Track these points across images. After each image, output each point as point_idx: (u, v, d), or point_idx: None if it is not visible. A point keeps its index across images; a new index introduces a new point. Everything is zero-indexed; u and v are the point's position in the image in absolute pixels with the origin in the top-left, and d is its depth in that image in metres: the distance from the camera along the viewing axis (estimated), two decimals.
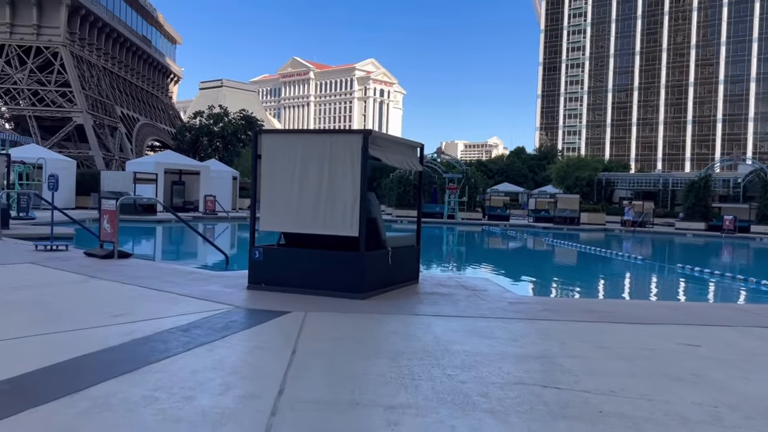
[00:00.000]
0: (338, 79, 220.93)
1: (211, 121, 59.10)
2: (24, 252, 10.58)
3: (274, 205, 7.21)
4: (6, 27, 59.69)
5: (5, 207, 15.65)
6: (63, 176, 32.36)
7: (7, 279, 7.67)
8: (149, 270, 8.86)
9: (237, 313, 5.89)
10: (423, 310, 6.36)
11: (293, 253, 7.20)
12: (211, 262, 13.17)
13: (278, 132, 7.42)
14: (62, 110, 59.21)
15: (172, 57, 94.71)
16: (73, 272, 8.28)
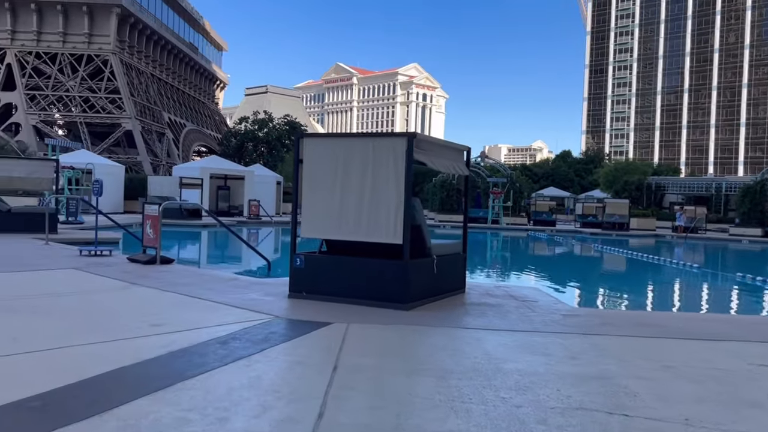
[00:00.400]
0: (381, 84, 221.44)
1: (255, 126, 59.69)
2: (68, 257, 10.62)
3: (315, 210, 7.00)
4: (59, 36, 61.58)
5: (54, 212, 15.90)
6: (111, 181, 33.07)
7: (49, 285, 7.64)
8: (190, 276, 8.75)
9: (277, 324, 5.67)
10: (471, 323, 6.03)
11: (335, 261, 6.96)
12: (254, 268, 13.07)
13: (320, 136, 7.20)
14: (112, 116, 60.68)
15: (218, 64, 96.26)
16: (114, 278, 8.22)
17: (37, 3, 60.31)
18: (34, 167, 16.01)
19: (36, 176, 15.96)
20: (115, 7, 61.02)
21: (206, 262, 14.75)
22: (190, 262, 14.80)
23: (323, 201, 6.91)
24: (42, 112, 60.02)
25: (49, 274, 8.63)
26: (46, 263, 9.76)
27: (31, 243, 13.05)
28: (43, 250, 11.64)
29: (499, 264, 17.79)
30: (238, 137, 59.78)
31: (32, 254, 10.95)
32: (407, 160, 6.43)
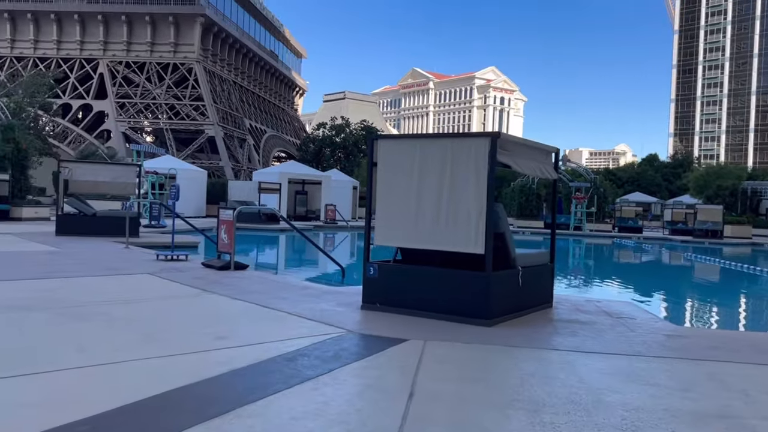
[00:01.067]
0: (458, 89, 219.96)
1: (333, 132, 60.23)
2: (145, 261, 10.64)
3: (389, 216, 6.56)
4: (147, 46, 64.26)
5: (135, 216, 16.21)
6: (194, 186, 33.96)
7: (121, 291, 7.54)
8: (262, 284, 8.51)
9: (348, 339, 5.26)
10: (562, 344, 5.42)
11: (410, 271, 6.49)
12: (327, 275, 12.80)
13: (395, 137, 6.77)
14: (195, 123, 62.70)
15: (297, 71, 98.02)
16: (187, 285, 8.06)
17: (128, 15, 63.18)
18: (119, 172, 16.40)
19: (120, 181, 16.33)
20: (200, 16, 63.09)
21: (280, 268, 14.60)
22: (264, 266, 14.71)
23: (398, 207, 6.47)
24: (131, 119, 62.73)
25: (124, 279, 8.58)
26: (123, 267, 9.77)
27: (112, 246, 13.26)
28: (122, 254, 11.76)
29: (586, 274, 16.82)
30: (315, 143, 60.47)
31: (111, 258, 11.05)
32: (490, 162, 5.90)
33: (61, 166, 15.77)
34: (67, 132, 60.38)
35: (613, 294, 12.29)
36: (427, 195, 6.25)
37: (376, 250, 6.92)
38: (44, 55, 64.02)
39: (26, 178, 24.35)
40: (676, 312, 10.93)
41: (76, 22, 63.88)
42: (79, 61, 64.14)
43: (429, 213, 6.25)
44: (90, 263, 10.10)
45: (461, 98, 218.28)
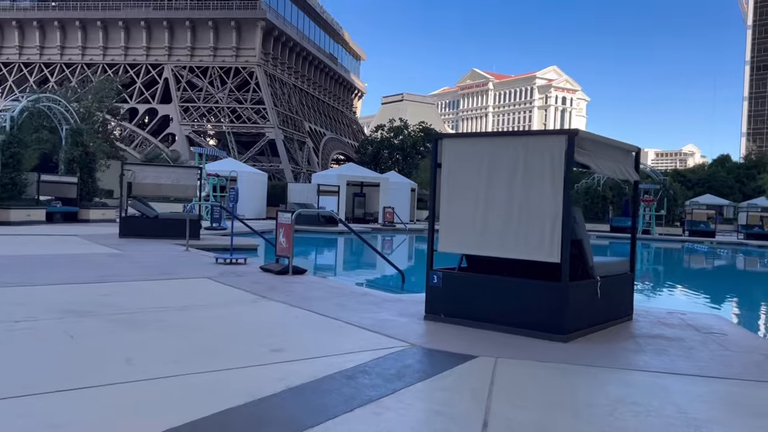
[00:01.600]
0: (518, 89, 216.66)
1: (391, 134, 60.02)
2: (204, 265, 10.52)
3: (454, 221, 6.14)
4: (210, 51, 65.67)
5: (196, 218, 16.26)
6: (255, 188, 34.31)
7: (177, 296, 7.36)
8: (321, 290, 8.20)
9: (412, 355, 4.86)
10: (650, 364, 4.87)
11: (477, 280, 6.04)
12: (387, 280, 12.44)
13: (461, 135, 6.34)
14: (256, 126, 63.63)
15: (356, 73, 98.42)
16: (244, 290, 7.83)
17: (191, 20, 64.74)
18: (180, 174, 16.50)
19: (181, 183, 16.42)
20: (261, 20, 64.04)
21: (339, 273, 14.32)
22: (322, 269, 14.48)
23: (464, 211, 6.03)
24: (194, 122, 64.20)
25: (181, 283, 8.43)
26: (181, 271, 9.66)
27: (172, 249, 13.27)
28: (181, 257, 11.71)
29: (662, 282, 15.91)
30: (374, 145, 60.40)
31: (170, 261, 11.00)
32: (567, 163, 5.41)
33: (125, 168, 15.97)
34: (134, 136, 62.26)
35: (694, 305, 11.45)
36: (496, 198, 5.80)
37: (439, 256, 6.50)
38: (112, 61, 66.27)
39: (94, 181, 24.97)
40: (766, 325, 10.06)
41: (142, 29, 65.89)
42: (145, 66, 66.09)
43: (498, 217, 5.80)
44: (148, 267, 10.05)
45: (521, 99, 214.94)
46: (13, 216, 19.64)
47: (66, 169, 24.44)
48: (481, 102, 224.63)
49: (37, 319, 5.63)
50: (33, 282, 7.87)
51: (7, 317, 5.65)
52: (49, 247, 12.80)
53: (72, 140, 24.48)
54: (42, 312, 5.96)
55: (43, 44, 68.08)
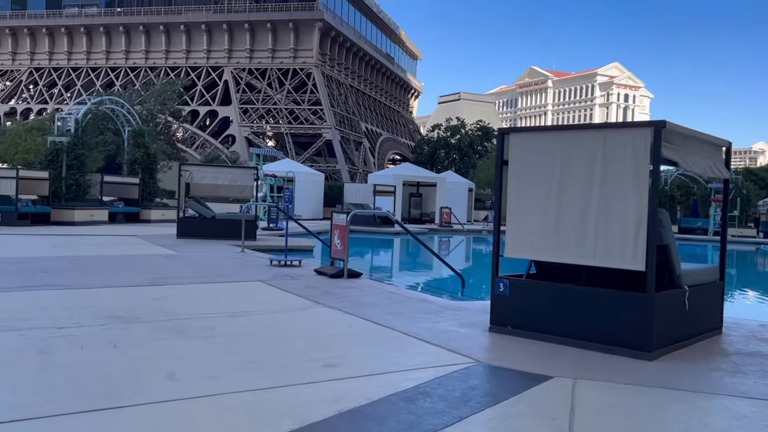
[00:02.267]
0: (578, 86, 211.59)
1: (448, 133, 59.30)
2: (258, 267, 10.27)
3: (523, 224, 5.61)
4: (268, 52, 66.35)
5: (252, 219, 16.14)
6: (312, 189, 34.32)
7: (229, 301, 7.06)
8: (377, 295, 7.78)
9: (478, 374, 4.37)
10: (753, 390, 4.22)
11: (550, 289, 5.49)
12: (445, 284, 11.93)
13: (531, 129, 5.78)
14: (314, 127, 63.98)
15: (412, 72, 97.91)
16: (297, 295, 7.48)
17: (250, 23, 65.57)
18: (236, 175, 16.41)
19: (238, 183, 16.33)
20: (318, 21, 64.34)
21: (395, 276, 13.86)
22: (378, 272, 14.09)
23: (535, 212, 5.50)
24: (253, 124, 65.03)
25: (234, 287, 8.16)
26: (234, 274, 9.42)
27: (228, 250, 13.12)
28: (236, 259, 11.51)
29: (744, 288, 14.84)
30: (430, 144, 59.82)
31: (224, 263, 10.80)
32: (653, 158, 4.81)
33: (182, 169, 15.97)
34: (195, 137, 63.51)
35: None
36: (571, 198, 5.25)
37: (503, 261, 5.98)
38: (174, 64, 67.80)
39: (155, 182, 25.34)
40: None
41: (203, 32, 67.18)
42: (206, 69, 67.36)
43: (573, 220, 5.24)
44: (202, 269, 9.85)
45: (582, 96, 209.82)
46: (77, 216, 20.04)
47: (128, 170, 24.89)
48: (540, 100, 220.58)
49: (81, 326, 5.40)
50: (86, 284, 7.74)
51: (51, 323, 5.44)
52: (107, 247, 12.84)
53: (134, 142, 24.89)
54: (88, 318, 5.74)
55: (109, 49, 70.30)
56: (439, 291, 10.35)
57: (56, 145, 20.79)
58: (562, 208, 5.31)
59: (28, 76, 72.63)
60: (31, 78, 72.65)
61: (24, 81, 72.45)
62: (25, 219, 18.70)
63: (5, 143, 37.09)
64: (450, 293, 9.79)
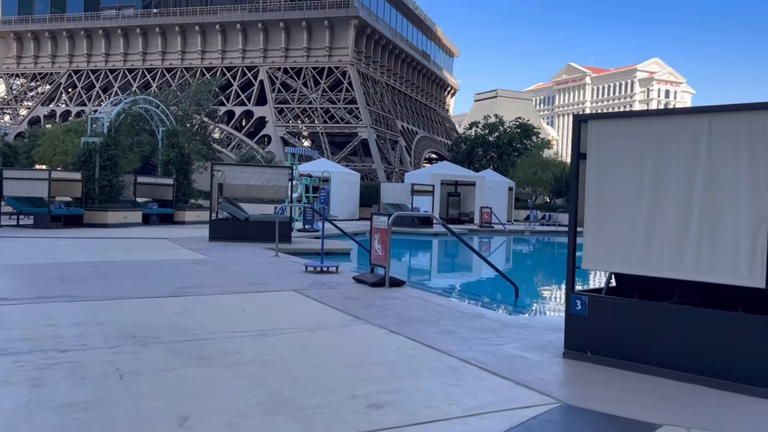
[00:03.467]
0: (617, 83, 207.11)
1: (486, 131, 57.92)
2: (292, 274, 9.50)
3: (604, 229, 4.69)
4: (304, 51, 65.77)
5: (287, 220, 15.43)
6: (348, 189, 33.57)
7: (259, 316, 6.27)
8: (423, 308, 6.92)
9: (566, 422, 3.47)
10: None
11: (643, 308, 4.54)
12: (495, 292, 11.01)
13: (617, 116, 4.83)
14: (349, 126, 63.25)
15: (449, 70, 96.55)
16: (335, 308, 6.67)
17: (285, 21, 65.06)
18: (270, 175, 15.71)
19: (272, 184, 15.64)
20: (353, 18, 63.53)
21: (438, 281, 12.93)
22: (420, 277, 13.23)
23: (621, 215, 4.58)
24: (288, 123, 64.67)
25: (265, 298, 7.39)
26: (267, 282, 8.66)
27: (261, 254, 12.42)
28: (269, 264, 10.77)
29: None
30: (467, 143, 58.55)
31: (257, 269, 10.06)
32: None
33: (214, 169, 15.34)
34: (231, 137, 63.40)
35: None
36: (667, 198, 4.32)
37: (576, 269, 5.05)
38: (210, 64, 67.79)
39: (189, 183, 24.89)
40: None
41: (238, 32, 66.94)
42: (241, 69, 67.16)
43: (669, 225, 4.31)
44: (233, 277, 9.11)
45: (621, 93, 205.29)
46: (110, 218, 19.62)
47: (162, 171, 24.50)
48: (578, 97, 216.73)
49: (88, 348, 4.67)
50: (103, 295, 7.05)
51: (55, 344, 4.73)
52: (135, 252, 12.24)
53: (168, 142, 24.49)
54: (98, 338, 5.01)
55: (146, 50, 70.66)
56: (491, 301, 9.44)
57: (89, 146, 20.42)
58: (656, 210, 4.38)
59: (67, 79, 73.45)
60: (69, 80, 73.47)
61: (63, 84, 73.31)
62: (58, 221, 18.33)
63: (44, 145, 37.27)
64: (504, 304, 8.89)
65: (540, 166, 47.06)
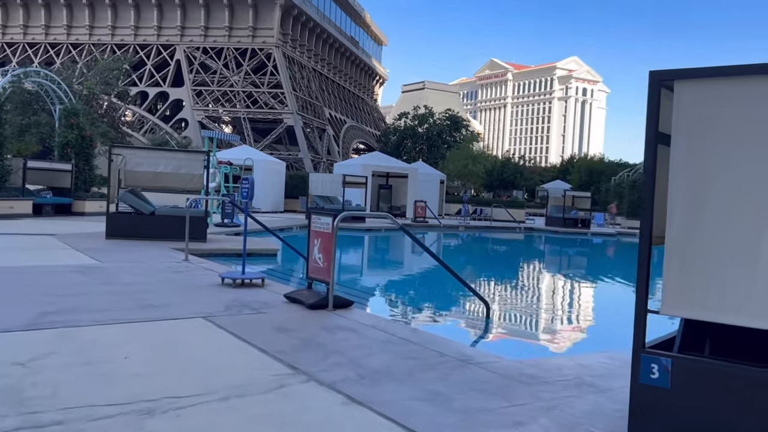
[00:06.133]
0: (537, 79, 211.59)
1: (416, 122, 56.57)
2: (205, 288, 7.38)
3: (705, 253, 2.93)
4: (225, 31, 62.09)
5: (201, 215, 13.17)
6: (272, 179, 31.17)
7: (151, 369, 4.16)
8: (386, 346, 5.03)
9: None
10: None
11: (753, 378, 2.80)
12: (461, 309, 9.24)
13: (727, 73, 3.04)
14: (274, 112, 60.32)
15: (377, 58, 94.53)
16: (262, 350, 4.67)
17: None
18: (182, 161, 13.34)
19: (184, 172, 13.28)
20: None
21: (391, 296, 10.71)
22: (365, 287, 11.32)
23: (737, 236, 2.81)
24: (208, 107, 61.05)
25: (162, 332, 5.26)
26: (169, 302, 6.51)
27: (168, 257, 10.18)
28: (175, 273, 8.56)
29: None
30: (397, 134, 57.03)
31: (159, 280, 7.86)
32: None
33: (114, 153, 12.87)
34: (144, 121, 59.20)
35: None
36: None
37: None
38: (122, 41, 62.92)
39: (91, 169, 22.03)
40: None
41: (153, 7, 62.43)
42: (156, 47, 62.75)
43: None
44: (125, 293, 6.90)
45: (541, 89, 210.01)
46: None
47: (59, 155, 21.49)
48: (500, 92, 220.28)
49: None
50: None
51: None
52: (5, 254, 9.73)
53: (66, 122, 21.49)
54: None
55: (49, 23, 64.87)
56: (463, 325, 7.63)
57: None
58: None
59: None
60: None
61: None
62: None
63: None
64: (481, 331, 7.09)
65: (471, 159, 46.12)
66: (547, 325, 8.17)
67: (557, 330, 7.90)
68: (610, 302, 11.05)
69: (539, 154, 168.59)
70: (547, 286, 13.36)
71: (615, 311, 9.96)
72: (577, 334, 7.85)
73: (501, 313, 8.58)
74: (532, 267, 17.75)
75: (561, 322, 8.55)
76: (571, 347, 6.86)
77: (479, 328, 7.12)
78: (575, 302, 10.96)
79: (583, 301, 11.39)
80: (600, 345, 7.07)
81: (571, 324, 8.46)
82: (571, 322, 8.59)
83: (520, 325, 8.12)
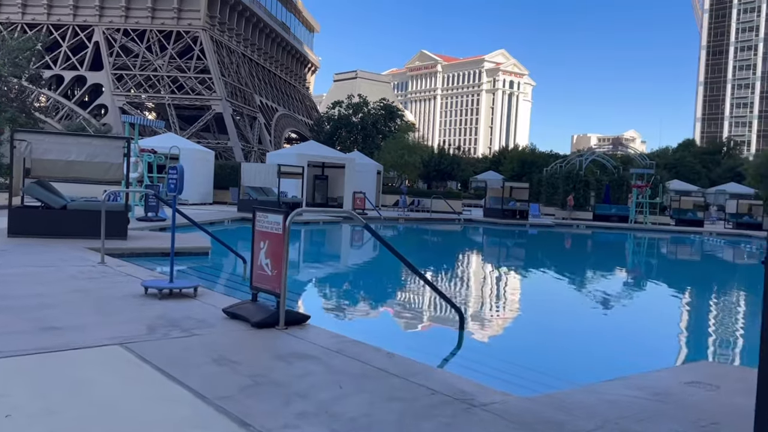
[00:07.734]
0: (466, 72, 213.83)
1: (350, 111, 55.29)
2: (123, 300, 6.07)
3: None
4: (148, 11, 58.73)
5: (122, 209, 11.66)
6: (200, 168, 29.31)
7: (39, 425, 2.94)
8: (360, 382, 3.95)
9: None
10: None
11: None
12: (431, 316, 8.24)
13: None
14: (201, 98, 57.67)
15: (309, 46, 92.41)
16: (198, 395, 3.50)
17: None
18: (97, 148, 11.74)
19: (100, 160, 11.71)
20: None
21: (346, 306, 9.36)
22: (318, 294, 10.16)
23: None
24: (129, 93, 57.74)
25: (63, 370, 3.99)
26: (77, 322, 5.19)
27: (80, 260, 8.72)
28: (88, 281, 7.17)
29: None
30: (331, 123, 55.61)
31: (66, 290, 6.48)
32: None
33: (17, 139, 11.18)
34: (59, 106, 55.41)
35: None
36: None
37: None
38: (33, 21, 58.54)
39: None
40: None
41: None
42: (72, 28, 58.71)
43: None
44: (20, 309, 5.53)
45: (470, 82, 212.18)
46: None
47: None
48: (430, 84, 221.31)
49: None
50: None
51: None
52: None
53: None
54: None
55: None
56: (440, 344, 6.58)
57: None
58: None
59: None
60: None
61: None
62: None
63: None
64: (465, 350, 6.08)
65: (406, 149, 45.35)
66: (532, 337, 7.21)
67: (545, 344, 6.89)
68: (606, 303, 10.25)
69: (469, 145, 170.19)
70: (512, 287, 12.43)
71: (615, 309, 9.28)
72: (568, 345, 6.95)
73: (477, 324, 7.63)
74: (489, 264, 16.91)
75: (547, 332, 7.57)
76: (574, 367, 5.94)
77: (459, 346, 6.11)
78: (558, 306, 9.70)
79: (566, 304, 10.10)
80: (599, 361, 6.22)
81: (558, 333, 7.54)
82: (557, 331, 7.67)
83: (501, 338, 7.16)
